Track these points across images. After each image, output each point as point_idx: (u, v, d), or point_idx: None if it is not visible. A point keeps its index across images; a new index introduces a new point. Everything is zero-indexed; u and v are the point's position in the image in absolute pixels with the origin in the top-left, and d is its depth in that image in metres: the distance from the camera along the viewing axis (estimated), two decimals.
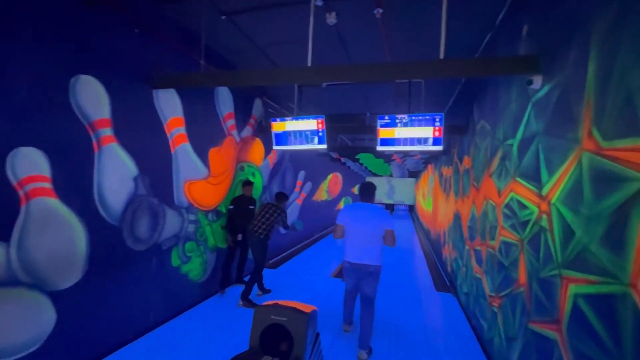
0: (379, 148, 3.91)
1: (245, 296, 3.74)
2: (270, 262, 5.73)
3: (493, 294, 2.78)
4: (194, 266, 3.67)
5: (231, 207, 4.12)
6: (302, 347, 1.91)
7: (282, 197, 4.20)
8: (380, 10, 2.58)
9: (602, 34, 1.42)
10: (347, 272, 2.92)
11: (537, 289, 1.91)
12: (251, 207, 4.26)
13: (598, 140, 1.41)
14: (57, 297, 2.18)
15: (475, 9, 2.67)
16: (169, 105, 3.17)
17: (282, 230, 4.62)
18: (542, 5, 2.02)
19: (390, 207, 19.90)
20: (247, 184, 4.30)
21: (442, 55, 2.16)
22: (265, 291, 4.22)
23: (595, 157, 1.42)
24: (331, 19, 2.87)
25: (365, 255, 2.77)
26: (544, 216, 1.87)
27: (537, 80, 1.99)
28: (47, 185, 2.10)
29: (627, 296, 1.20)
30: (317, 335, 2.22)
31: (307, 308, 2.07)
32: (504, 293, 2.50)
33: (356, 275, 2.85)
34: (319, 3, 2.59)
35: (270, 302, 2.09)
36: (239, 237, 4.14)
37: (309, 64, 2.49)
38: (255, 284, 3.95)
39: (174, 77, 2.88)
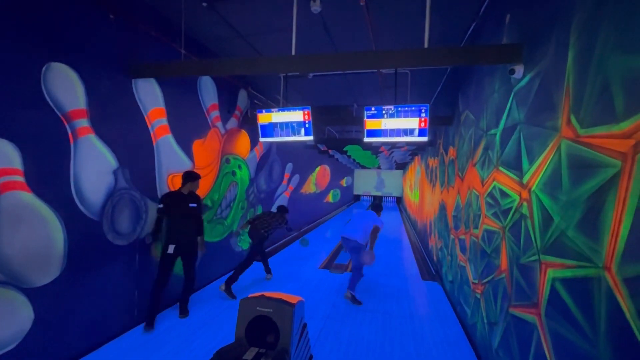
0: (366, 139, 3.91)
1: (229, 282, 3.79)
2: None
3: (476, 281, 2.84)
4: (179, 260, 3.61)
5: (161, 206, 3.04)
6: (288, 338, 1.91)
7: (283, 210, 4.57)
8: None
9: (581, 22, 1.43)
10: (342, 243, 4.08)
11: (517, 275, 1.95)
12: (192, 205, 3.22)
13: (576, 128, 1.43)
14: (34, 295, 2.10)
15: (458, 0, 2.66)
16: (150, 96, 3.07)
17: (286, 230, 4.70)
18: None
19: (379, 200, 20.09)
20: (193, 178, 3.24)
21: (426, 44, 2.15)
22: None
23: (573, 145, 1.44)
24: (315, 7, 2.81)
25: (352, 233, 3.92)
26: (525, 204, 1.91)
27: (519, 70, 2.00)
28: (20, 178, 2.01)
29: (601, 279, 1.24)
30: (305, 325, 2.22)
31: (293, 299, 2.06)
32: (486, 280, 2.55)
33: (346, 246, 3.99)
34: None
35: (256, 294, 2.08)
36: (171, 249, 3.03)
37: (293, 52, 2.44)
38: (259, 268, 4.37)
39: (153, 66, 2.78)
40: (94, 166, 2.50)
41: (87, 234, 2.46)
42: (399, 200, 20.40)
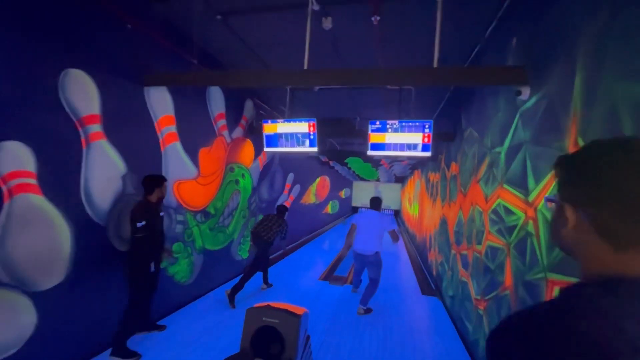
0: (370, 152, 3.96)
1: (234, 291, 3.82)
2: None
3: (479, 297, 2.85)
4: (181, 268, 3.60)
5: (143, 223, 2.55)
6: (293, 350, 1.90)
7: (284, 210, 4.61)
8: (378, 18, 2.63)
9: (588, 48, 1.50)
10: (355, 258, 4.05)
11: (522, 292, 1.97)
12: (161, 214, 2.87)
13: None
14: (38, 298, 2.09)
15: (467, 21, 2.75)
16: (160, 103, 3.12)
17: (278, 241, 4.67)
18: (530, 19, 2.11)
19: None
20: (160, 182, 2.75)
21: (435, 64, 2.22)
22: (268, 285, 4.49)
23: None
24: (327, 24, 2.90)
25: (366, 247, 3.85)
26: (530, 221, 1.94)
27: (525, 91, 2.07)
28: (32, 181, 2.02)
29: None
30: (308, 337, 2.21)
31: (298, 310, 2.06)
32: (489, 296, 2.56)
33: (361, 262, 3.98)
34: (316, 8, 2.62)
35: (262, 304, 2.07)
36: (153, 267, 2.70)
37: (305, 66, 2.50)
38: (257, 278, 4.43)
39: (167, 76, 2.84)
40: (104, 171, 2.52)
41: (93, 238, 2.46)
42: (396, 213, 20.40)
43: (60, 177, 2.19)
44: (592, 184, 0.50)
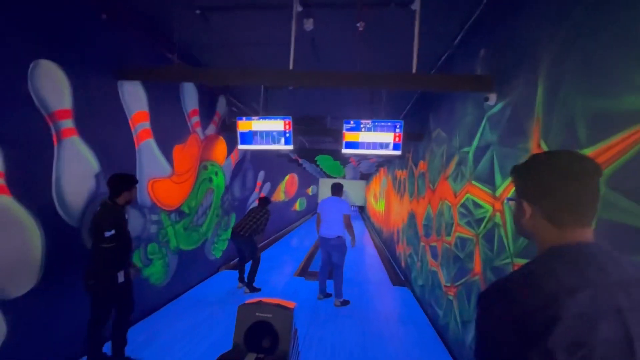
0: (344, 151, 4.08)
1: (250, 285, 4.29)
2: (231, 263, 5.61)
3: (449, 284, 3.10)
4: (155, 269, 3.48)
5: (112, 232, 2.21)
6: (287, 343, 1.96)
7: (266, 201, 4.73)
8: (363, 23, 2.73)
9: (549, 61, 1.72)
10: (321, 245, 4.14)
11: (491, 276, 2.21)
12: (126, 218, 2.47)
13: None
14: (7, 307, 1.93)
15: (438, 29, 2.97)
16: (134, 99, 2.98)
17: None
18: (496, 31, 2.34)
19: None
20: (131, 184, 2.42)
21: (414, 70, 2.39)
22: (252, 289, 4.38)
23: None
24: (308, 25, 2.95)
25: (329, 231, 3.99)
26: (498, 214, 2.17)
27: (493, 98, 2.30)
28: (0, 181, 1.86)
29: None
30: (296, 331, 2.28)
31: (289, 304, 2.12)
32: (459, 282, 2.81)
33: (325, 247, 4.06)
34: (300, 9, 2.66)
35: (254, 300, 2.10)
36: (121, 276, 2.33)
37: (291, 67, 2.55)
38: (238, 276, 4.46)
39: (145, 70, 2.72)
40: (77, 169, 2.37)
41: (66, 241, 2.31)
42: (362, 209, 20.98)
43: (30, 176, 2.04)
44: (536, 185, 0.71)
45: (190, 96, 4.01)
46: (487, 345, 0.64)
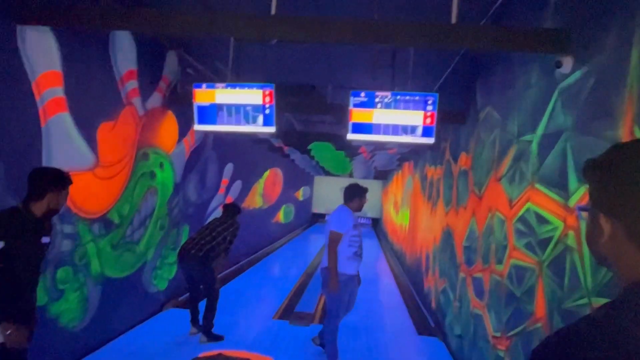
0: (351, 136, 4.10)
1: (208, 331, 4.31)
2: (181, 298, 5.59)
3: (498, 334, 3.12)
4: (68, 305, 3.48)
5: (1, 244, 2.08)
6: None
7: (235, 209, 4.82)
8: None
9: None
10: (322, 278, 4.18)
11: (559, 323, 2.22)
12: (45, 241, 2.39)
13: None
14: None
15: None
16: (42, 53, 2.97)
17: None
18: None
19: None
20: (62, 183, 2.37)
21: (454, 19, 2.39)
22: (211, 337, 4.38)
23: None
24: None
25: (324, 258, 4.04)
26: (571, 232, 2.18)
27: (567, 63, 2.31)
28: None
29: None
30: None
31: (264, 359, 2.12)
32: (514, 332, 2.83)
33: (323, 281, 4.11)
34: None
35: (212, 353, 2.11)
36: (7, 331, 2.05)
37: (273, 11, 2.54)
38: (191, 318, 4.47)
39: (57, 10, 2.72)
40: None
41: None
42: (375, 222, 21.06)
43: None
44: (619, 191, 0.66)
45: (125, 51, 3.99)
46: None
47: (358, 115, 4.03)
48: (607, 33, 2.01)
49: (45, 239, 2.37)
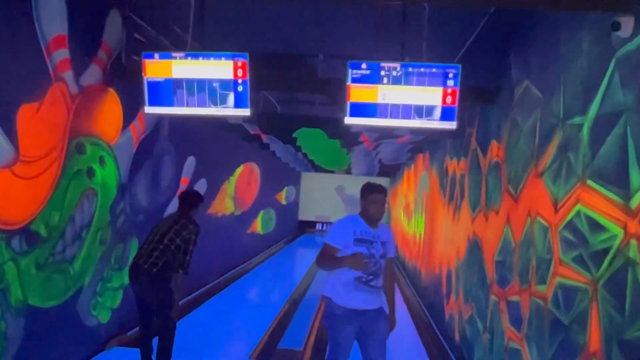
0: (349, 120, 4.11)
1: None
2: (129, 334, 5.58)
3: None
4: None
5: None
6: None
7: (194, 199, 4.69)
8: None
9: None
10: (348, 322, 3.66)
11: (619, 359, 2.24)
12: None
13: None
14: None
15: None
16: None
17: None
18: None
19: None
20: None
21: None
22: None
23: None
24: None
25: (371, 298, 3.67)
26: (634, 242, 2.20)
27: (628, 24, 2.32)
28: None
29: None
30: None
31: None
32: None
33: (355, 323, 3.64)
34: None
35: None
36: None
37: None
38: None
39: None
40: None
41: None
42: None
43: None
44: None
45: (51, 10, 3.96)
46: None
47: (358, 93, 4.03)
48: None
49: None
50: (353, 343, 3.59)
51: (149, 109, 4.20)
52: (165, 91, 4.12)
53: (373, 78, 3.99)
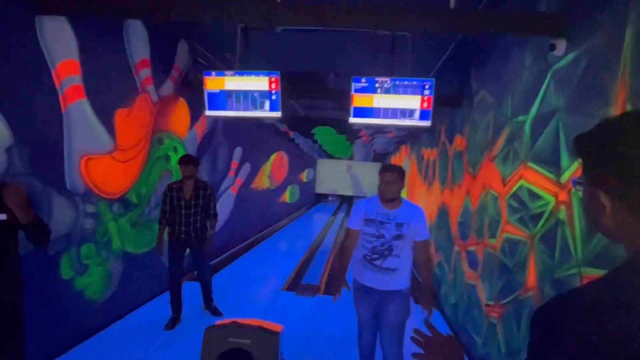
0: (353, 120, 4.07)
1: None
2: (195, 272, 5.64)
3: (491, 303, 3.12)
4: (92, 279, 3.50)
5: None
6: None
7: (196, 162, 4.04)
8: None
9: None
10: (363, 299, 2.86)
11: (550, 291, 2.21)
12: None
13: None
14: None
15: None
16: (60, 42, 2.92)
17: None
18: None
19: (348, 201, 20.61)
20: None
21: (452, 4, 2.32)
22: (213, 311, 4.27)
23: None
24: None
25: (390, 277, 2.76)
26: (562, 207, 2.16)
27: (561, 45, 2.24)
28: None
29: None
30: None
31: (275, 327, 2.13)
32: (506, 300, 2.83)
33: (372, 299, 2.79)
34: None
35: (226, 321, 2.11)
36: None
37: None
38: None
39: (73, 0, 2.66)
40: None
41: None
42: None
43: None
44: (623, 172, 0.61)
45: (138, 41, 3.93)
46: None
47: (359, 100, 4.01)
48: (600, 14, 1.94)
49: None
50: (371, 317, 2.77)
51: (208, 112, 4.17)
52: (220, 99, 4.09)
53: (370, 89, 3.96)
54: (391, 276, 2.63)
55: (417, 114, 3.89)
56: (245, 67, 4.44)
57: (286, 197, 13.97)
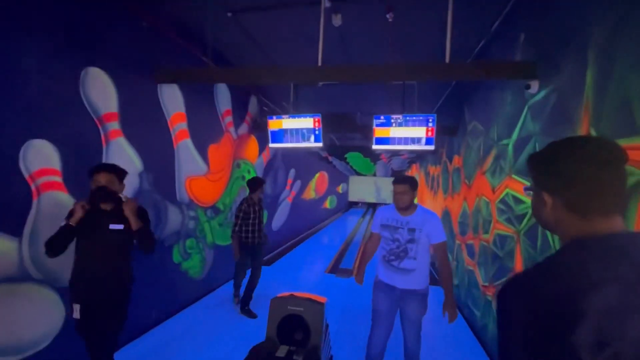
0: (375, 147, 4.04)
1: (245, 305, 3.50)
2: (264, 258, 5.75)
3: (487, 284, 2.96)
4: (194, 263, 3.65)
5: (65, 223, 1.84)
6: (318, 337, 1.98)
7: (259, 183, 3.51)
8: (392, 15, 2.67)
9: (600, 42, 1.58)
10: (382, 295, 2.36)
11: None
12: (115, 227, 1.91)
13: None
14: (66, 293, 2.13)
15: (473, 16, 2.82)
16: (172, 101, 3.14)
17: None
18: (538, 15, 2.19)
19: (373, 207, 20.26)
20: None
21: (447, 59, 2.29)
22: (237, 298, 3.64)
23: None
24: (337, 20, 2.94)
25: (407, 277, 2.32)
26: None
27: (535, 85, 2.15)
28: (58, 179, 2.05)
29: None
30: (327, 326, 2.29)
31: (320, 299, 2.14)
32: (498, 282, 2.67)
33: (392, 298, 2.33)
34: (328, 5, 2.66)
35: (286, 294, 2.14)
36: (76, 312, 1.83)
37: (319, 63, 2.55)
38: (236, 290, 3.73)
39: (181, 73, 2.87)
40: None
41: None
42: None
43: (83, 174, 2.22)
44: (556, 175, 0.66)
45: (223, 97, 4.15)
46: (508, 343, 0.61)
47: (379, 132, 3.97)
48: (565, 60, 1.86)
49: (114, 226, 1.87)
50: (388, 312, 2.31)
51: (271, 145, 4.27)
52: (279, 135, 4.18)
53: (387, 124, 3.91)
54: (409, 276, 2.22)
55: (423, 141, 3.80)
56: (296, 111, 4.58)
57: (327, 204, 13.96)
